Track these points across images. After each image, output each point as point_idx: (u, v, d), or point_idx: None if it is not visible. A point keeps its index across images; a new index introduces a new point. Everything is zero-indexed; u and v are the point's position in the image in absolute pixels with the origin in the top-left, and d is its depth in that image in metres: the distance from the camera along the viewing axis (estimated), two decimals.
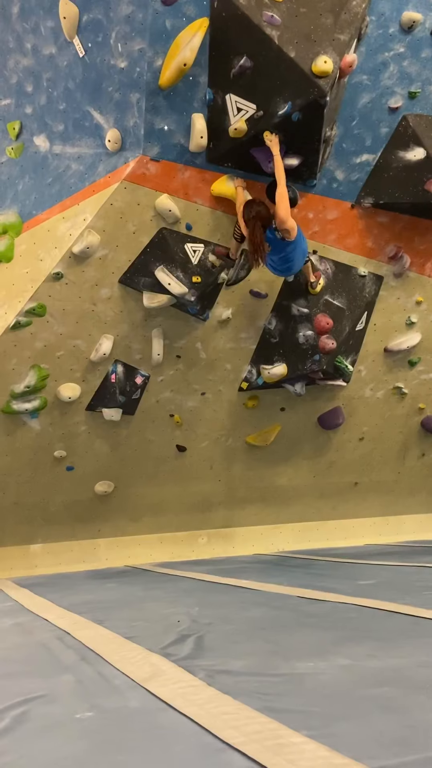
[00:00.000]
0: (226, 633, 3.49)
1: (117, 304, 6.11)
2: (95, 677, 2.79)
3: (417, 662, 2.75)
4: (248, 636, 3.45)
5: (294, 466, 7.67)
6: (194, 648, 3.15)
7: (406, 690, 2.41)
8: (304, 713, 2.19)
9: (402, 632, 3.32)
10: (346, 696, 2.38)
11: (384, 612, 3.73)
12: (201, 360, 6.67)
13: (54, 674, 2.92)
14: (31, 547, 6.97)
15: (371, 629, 3.42)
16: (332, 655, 2.90)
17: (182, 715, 2.23)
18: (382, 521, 8.29)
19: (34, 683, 2.78)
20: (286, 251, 5.41)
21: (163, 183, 5.62)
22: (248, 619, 3.86)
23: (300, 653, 2.98)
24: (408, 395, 7.61)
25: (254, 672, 2.72)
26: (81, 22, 5.26)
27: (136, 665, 2.87)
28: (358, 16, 5.18)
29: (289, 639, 3.32)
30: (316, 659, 2.84)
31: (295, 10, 5.08)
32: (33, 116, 5.92)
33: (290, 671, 2.71)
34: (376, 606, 3.86)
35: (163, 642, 3.27)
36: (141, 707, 2.38)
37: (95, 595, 5.22)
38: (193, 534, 7.54)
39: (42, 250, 5.89)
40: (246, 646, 3.23)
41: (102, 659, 3.04)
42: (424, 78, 5.75)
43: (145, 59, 5.06)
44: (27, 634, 3.88)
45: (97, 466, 6.90)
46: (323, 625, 3.58)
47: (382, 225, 6.45)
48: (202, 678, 2.62)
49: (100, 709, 2.40)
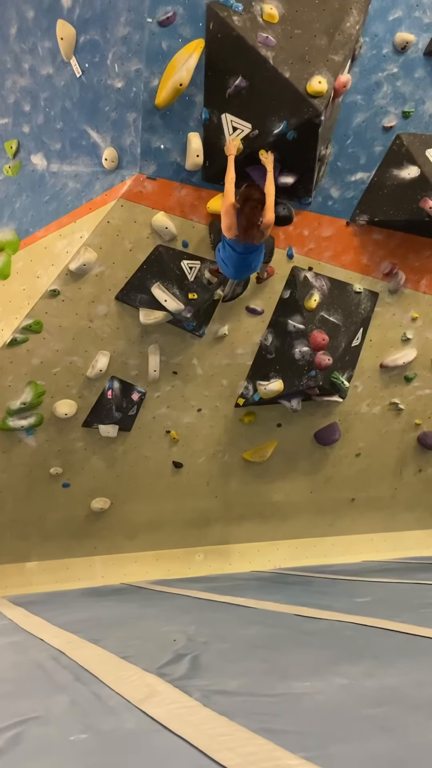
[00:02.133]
0: (222, 652, 3.47)
1: (113, 320, 6.13)
2: (90, 698, 2.76)
3: (414, 681, 2.73)
4: (244, 655, 3.43)
5: (291, 482, 7.66)
6: (190, 667, 3.13)
7: (403, 710, 2.39)
8: (300, 734, 2.17)
9: (399, 650, 3.30)
10: (342, 716, 2.37)
11: (381, 630, 3.71)
12: (197, 376, 6.68)
13: (48, 695, 2.89)
14: (26, 564, 6.92)
15: (368, 648, 3.40)
16: (329, 675, 2.88)
17: (177, 736, 2.21)
18: (379, 537, 8.27)
19: (28, 704, 2.75)
20: (255, 253, 5.40)
21: (159, 201, 5.66)
22: (245, 638, 3.83)
23: (296, 672, 2.96)
24: (404, 411, 7.62)
25: (250, 692, 2.70)
26: (78, 43, 5.32)
27: (131, 686, 2.85)
28: (352, 37, 5.26)
29: (285, 658, 3.29)
30: (312, 678, 2.82)
31: (289, 31, 5.15)
32: (30, 135, 5.97)
33: (287, 691, 2.69)
34: (373, 624, 3.84)
35: (159, 661, 3.25)
36: (136, 729, 2.36)
37: (91, 614, 5.18)
38: (190, 551, 7.50)
39: (39, 267, 5.92)
40: (242, 665, 3.20)
41: (97, 679, 3.02)
42: (418, 98, 5.83)
43: (141, 79, 5.12)
44: (22, 654, 3.85)
45: (93, 483, 6.88)
46: (320, 643, 3.55)
47: (377, 242, 6.49)
48: (198, 698, 2.59)
49: (95, 731, 2.38)
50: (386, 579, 6.04)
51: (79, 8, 5.21)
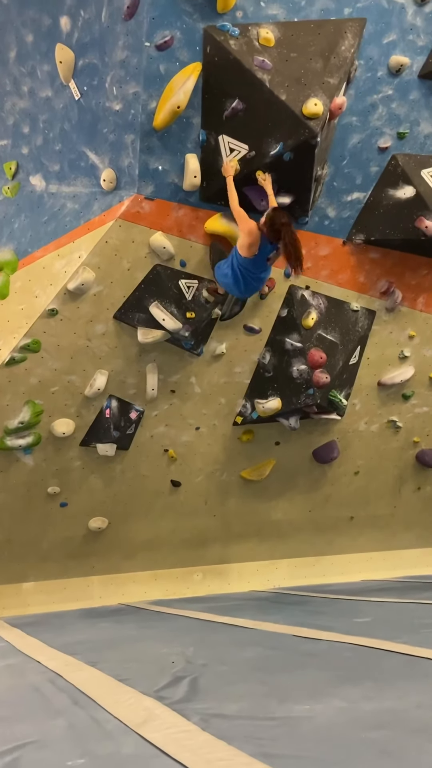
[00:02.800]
0: (221, 674, 3.44)
1: (111, 339, 6.14)
2: (88, 722, 2.73)
3: (414, 704, 2.71)
4: (243, 677, 3.40)
5: (289, 501, 7.63)
6: (188, 690, 3.10)
7: (402, 733, 2.37)
8: (298, 758, 2.15)
9: (398, 672, 3.28)
10: (341, 740, 2.34)
11: (380, 651, 3.68)
12: (195, 394, 6.69)
13: (46, 719, 2.87)
14: (23, 585, 6.87)
15: (368, 669, 3.38)
16: (328, 697, 2.85)
17: (176, 761, 2.19)
18: (378, 556, 8.22)
19: (25, 728, 2.72)
20: (268, 270, 5.49)
21: (157, 221, 5.70)
22: (243, 660, 3.80)
23: (295, 695, 2.93)
24: (402, 429, 7.62)
25: (249, 715, 2.68)
26: (77, 67, 5.39)
27: (129, 709, 2.82)
28: (347, 60, 5.33)
29: (284, 680, 3.27)
30: (311, 701, 2.80)
31: (285, 55, 5.22)
32: (29, 156, 6.03)
33: (286, 714, 2.66)
34: (372, 645, 3.81)
35: (157, 684, 3.22)
36: (134, 753, 2.34)
37: (88, 635, 5.14)
38: (188, 570, 7.46)
39: (37, 286, 5.94)
40: (241, 687, 3.18)
41: (95, 703, 2.99)
42: (412, 119, 5.90)
43: (139, 102, 5.18)
44: (18, 677, 3.81)
45: (91, 502, 6.85)
46: (319, 665, 3.53)
47: (373, 261, 6.53)
48: (196, 722, 2.57)
49: (93, 756, 2.35)
50: (386, 598, 6.00)
51: (77, 32, 5.29)
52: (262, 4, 5.15)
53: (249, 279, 5.43)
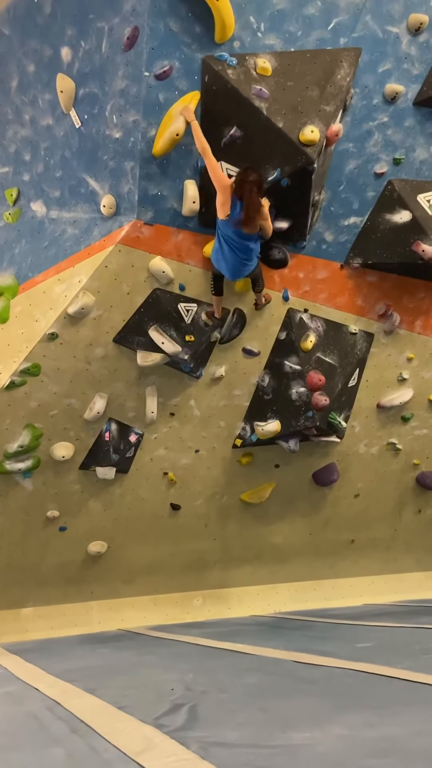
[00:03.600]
0: (220, 701, 3.40)
1: (111, 363, 6.17)
2: (86, 751, 2.70)
3: (415, 731, 2.68)
4: (243, 704, 3.36)
5: (289, 524, 7.60)
6: (188, 718, 3.06)
7: (403, 761, 2.34)
8: None
9: (400, 698, 3.24)
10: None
11: (382, 677, 3.65)
12: (195, 417, 6.69)
13: (44, 747, 2.83)
14: (22, 610, 6.81)
15: (369, 696, 3.34)
16: (329, 725, 2.82)
17: None
18: (380, 580, 8.17)
19: (23, 757, 2.69)
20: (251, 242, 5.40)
21: (156, 246, 5.76)
22: (244, 686, 3.76)
23: (296, 722, 2.90)
24: (402, 451, 7.61)
25: (249, 743, 2.65)
26: (77, 96, 5.48)
27: (127, 737, 2.79)
28: (343, 88, 5.42)
29: (285, 707, 3.23)
30: (312, 729, 2.77)
31: (282, 83, 5.32)
32: (30, 183, 6.10)
33: (286, 742, 2.63)
34: (373, 671, 3.78)
35: (156, 712, 3.18)
36: None
37: (87, 662, 5.09)
38: (188, 595, 7.40)
39: (38, 311, 5.98)
40: (241, 715, 3.14)
41: (93, 731, 2.95)
42: (408, 145, 5.98)
43: (139, 130, 5.26)
44: (17, 704, 3.77)
45: (90, 526, 6.83)
46: (320, 692, 3.49)
47: (371, 284, 6.58)
48: (196, 750, 2.54)
49: None
50: (387, 623, 5.95)
51: (78, 63, 5.39)
52: (259, 34, 5.26)
53: (231, 247, 5.29)
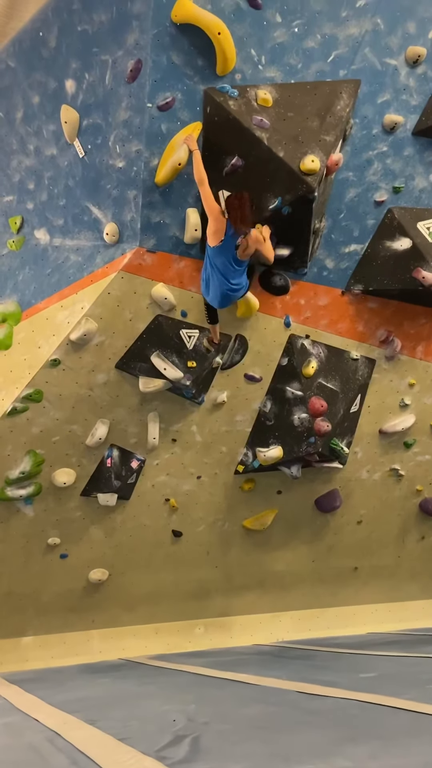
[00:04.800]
0: (223, 733, 3.35)
1: (113, 389, 6.18)
2: None
3: (420, 763, 2.63)
4: (246, 736, 3.31)
5: (292, 551, 7.54)
6: (190, 750, 3.01)
7: None
8: None
9: (405, 730, 3.19)
10: None
11: (387, 708, 3.59)
12: (197, 443, 6.68)
13: None
14: (22, 639, 6.73)
15: (373, 727, 3.29)
16: (333, 757, 2.77)
17: None
18: (383, 608, 8.08)
19: None
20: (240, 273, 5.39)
21: (158, 273, 5.81)
22: (246, 717, 3.70)
23: (300, 755, 2.85)
24: (405, 477, 7.58)
25: None
26: (81, 126, 5.58)
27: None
28: (343, 119, 5.51)
29: (288, 739, 3.18)
30: (316, 761, 2.72)
31: (283, 114, 5.41)
32: (34, 211, 6.18)
33: None
34: (378, 702, 3.72)
35: (158, 744, 3.13)
36: None
37: (88, 692, 5.01)
38: (190, 624, 7.32)
39: (40, 337, 6.01)
40: (244, 747, 3.09)
41: (94, 763, 2.91)
42: (407, 174, 6.06)
43: (141, 159, 5.34)
44: (16, 736, 3.71)
45: (91, 553, 6.78)
46: (324, 723, 3.44)
47: (372, 310, 6.62)
48: None
49: None
50: (392, 652, 5.87)
51: (82, 94, 5.49)
52: (260, 67, 5.36)
53: (221, 275, 5.27)
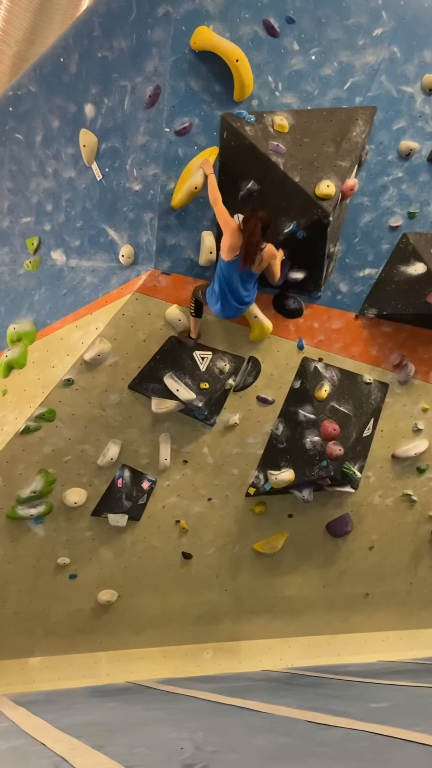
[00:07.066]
0: (231, 763, 3.29)
1: (126, 409, 6.19)
2: None
3: None
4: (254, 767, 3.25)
5: (303, 576, 7.46)
6: None
7: None
8: None
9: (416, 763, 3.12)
10: None
11: (398, 740, 3.52)
12: (208, 465, 6.66)
13: None
14: (29, 660, 6.68)
15: (384, 760, 3.22)
16: None
17: None
18: (395, 635, 7.96)
19: None
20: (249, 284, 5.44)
21: (173, 294, 5.84)
22: (255, 748, 3.64)
23: None
24: (417, 503, 7.50)
25: None
26: (99, 150, 5.66)
27: None
28: (359, 145, 5.56)
29: None
30: None
31: (299, 140, 5.46)
32: (51, 233, 6.25)
33: None
34: (389, 734, 3.65)
35: None
36: None
37: (95, 716, 4.96)
38: (198, 647, 7.24)
39: (54, 357, 6.05)
40: None
41: None
42: (423, 199, 6.09)
43: (158, 183, 5.40)
44: (22, 761, 3.67)
45: (100, 574, 6.74)
46: (333, 755, 3.37)
47: (385, 334, 6.61)
48: None
49: None
50: (403, 682, 5.77)
51: (101, 119, 5.58)
52: (277, 93, 5.43)
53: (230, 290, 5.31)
